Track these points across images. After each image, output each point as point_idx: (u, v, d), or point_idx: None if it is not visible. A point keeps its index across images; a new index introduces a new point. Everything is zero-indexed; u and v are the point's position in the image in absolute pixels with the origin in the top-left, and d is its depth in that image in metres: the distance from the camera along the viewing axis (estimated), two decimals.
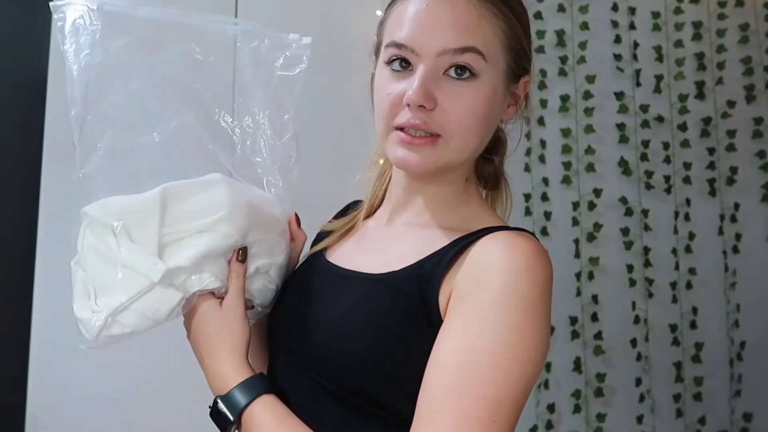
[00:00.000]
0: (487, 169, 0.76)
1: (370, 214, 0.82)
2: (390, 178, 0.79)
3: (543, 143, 2.09)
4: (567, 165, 2.10)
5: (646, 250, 2.12)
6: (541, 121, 2.11)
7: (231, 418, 0.64)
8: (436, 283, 0.63)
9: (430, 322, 0.63)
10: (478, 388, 0.55)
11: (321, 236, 0.85)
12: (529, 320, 0.59)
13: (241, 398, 0.64)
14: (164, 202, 0.64)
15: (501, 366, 0.56)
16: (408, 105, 0.64)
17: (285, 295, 0.77)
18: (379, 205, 0.82)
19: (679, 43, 2.18)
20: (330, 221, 0.87)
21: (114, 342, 0.64)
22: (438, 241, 0.68)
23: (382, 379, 0.63)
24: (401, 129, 0.66)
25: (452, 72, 0.64)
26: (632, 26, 2.17)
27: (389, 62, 0.67)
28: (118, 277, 0.61)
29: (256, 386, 0.65)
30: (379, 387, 0.63)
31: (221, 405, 0.65)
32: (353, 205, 0.88)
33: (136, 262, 0.62)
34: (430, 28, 0.64)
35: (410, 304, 0.64)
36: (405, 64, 0.66)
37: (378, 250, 0.74)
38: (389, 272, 0.67)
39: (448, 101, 0.64)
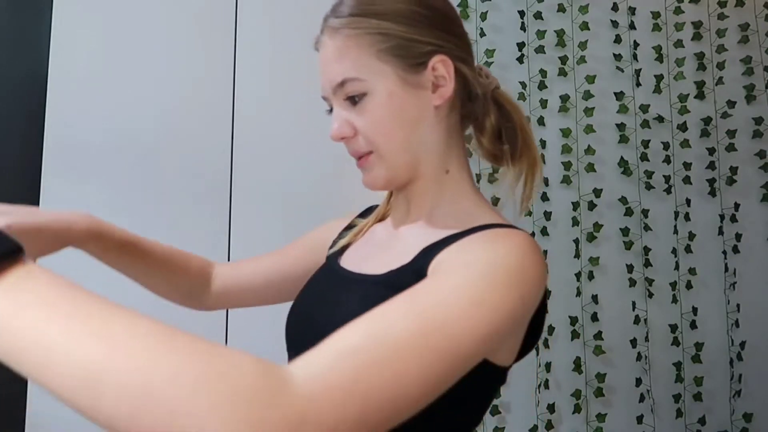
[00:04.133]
0: (495, 149, 0.78)
1: (380, 219, 0.87)
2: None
3: (543, 143, 2.09)
4: (567, 165, 2.10)
5: (646, 250, 2.12)
6: (541, 121, 2.11)
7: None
8: (425, 274, 0.65)
9: None
10: (433, 310, 0.52)
11: (342, 235, 0.90)
12: (487, 283, 0.56)
13: None
14: None
15: (460, 307, 0.53)
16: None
17: (301, 300, 0.81)
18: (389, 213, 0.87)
19: (679, 43, 2.18)
20: (356, 218, 0.92)
21: None
22: (432, 236, 0.71)
23: None
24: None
25: (350, 101, 0.73)
26: (632, 26, 2.17)
27: None
28: None
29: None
30: None
31: None
32: (371, 210, 0.93)
33: None
34: (322, 74, 0.74)
35: None
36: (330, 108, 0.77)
37: (381, 253, 0.77)
38: (389, 272, 0.71)
39: (360, 123, 0.72)
